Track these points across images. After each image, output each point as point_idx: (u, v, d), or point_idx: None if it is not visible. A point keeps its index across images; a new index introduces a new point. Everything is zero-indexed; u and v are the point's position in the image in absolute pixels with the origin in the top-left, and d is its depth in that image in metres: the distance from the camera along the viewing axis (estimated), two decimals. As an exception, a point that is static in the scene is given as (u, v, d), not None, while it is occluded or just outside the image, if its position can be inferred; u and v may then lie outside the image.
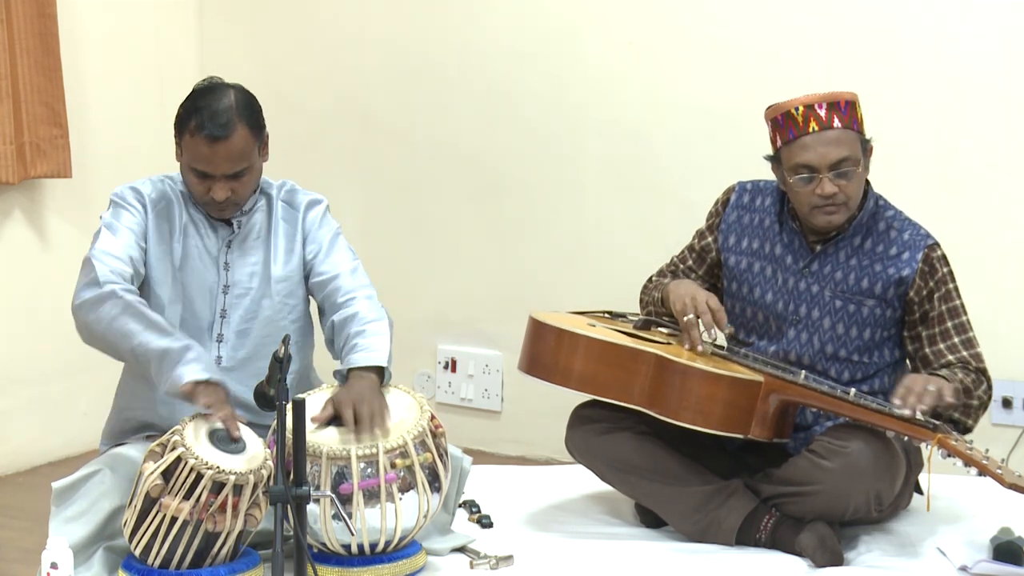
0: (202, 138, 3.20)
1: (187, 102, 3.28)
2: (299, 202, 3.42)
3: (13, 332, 4.57)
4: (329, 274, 3.38)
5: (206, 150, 3.20)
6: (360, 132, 5.00)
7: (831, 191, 3.36)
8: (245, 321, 3.34)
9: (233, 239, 3.35)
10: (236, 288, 3.34)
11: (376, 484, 3.05)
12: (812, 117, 3.37)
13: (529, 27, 4.73)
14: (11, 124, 4.36)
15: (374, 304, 3.35)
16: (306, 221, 3.41)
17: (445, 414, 4.06)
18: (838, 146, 3.36)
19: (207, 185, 3.23)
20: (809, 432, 3.49)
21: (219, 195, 3.23)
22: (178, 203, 3.34)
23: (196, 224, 3.34)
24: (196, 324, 3.30)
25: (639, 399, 3.38)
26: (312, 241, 3.40)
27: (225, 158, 3.21)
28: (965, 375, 3.36)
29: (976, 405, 3.38)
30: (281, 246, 3.38)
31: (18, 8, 4.36)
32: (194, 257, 3.32)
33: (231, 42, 5.14)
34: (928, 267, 3.43)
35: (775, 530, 3.39)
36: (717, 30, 4.47)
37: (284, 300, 3.37)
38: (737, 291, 3.60)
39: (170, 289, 3.28)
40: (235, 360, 3.31)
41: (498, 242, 4.86)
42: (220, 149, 3.20)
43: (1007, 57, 4.13)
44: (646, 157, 4.61)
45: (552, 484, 3.96)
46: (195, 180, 3.25)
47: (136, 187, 3.33)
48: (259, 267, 3.36)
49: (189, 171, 3.26)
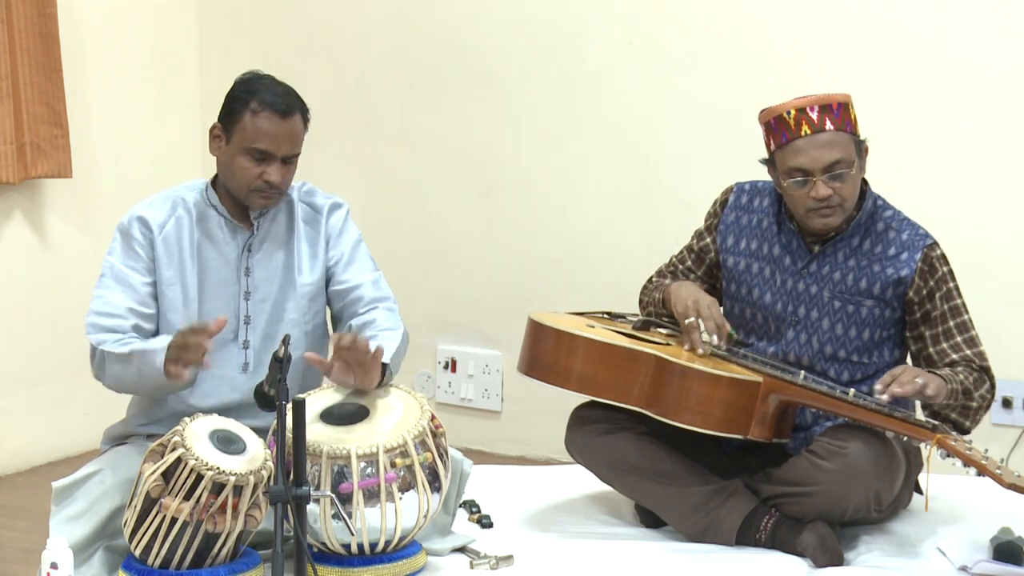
0: (269, 115, 3.22)
1: (239, 89, 3.28)
2: (320, 205, 3.41)
3: (13, 332, 4.57)
4: (351, 283, 3.38)
5: (272, 127, 3.22)
6: (360, 132, 5.01)
7: (825, 194, 3.35)
8: (270, 325, 3.33)
9: (253, 241, 3.34)
10: (257, 293, 3.33)
11: (376, 484, 3.05)
12: (804, 120, 3.37)
13: (529, 27, 4.73)
14: (11, 124, 4.36)
15: (394, 316, 3.37)
16: (328, 225, 3.40)
17: (445, 414, 4.06)
18: (831, 149, 3.35)
19: (262, 168, 3.23)
20: (809, 432, 3.49)
21: (276, 176, 3.23)
22: (190, 220, 3.31)
23: (211, 236, 3.32)
24: (221, 336, 3.25)
25: (638, 400, 3.38)
26: (335, 246, 3.40)
27: (287, 136, 3.24)
28: (967, 376, 3.35)
29: (975, 407, 3.38)
30: (305, 251, 3.37)
31: (18, 8, 4.37)
32: (212, 271, 3.30)
33: (231, 42, 5.14)
34: (927, 267, 3.43)
35: (775, 530, 3.39)
36: (717, 30, 4.47)
37: (309, 304, 3.37)
38: (736, 292, 3.60)
39: (182, 313, 3.27)
40: (263, 365, 3.28)
41: (498, 242, 4.86)
42: (285, 127, 3.23)
43: (1007, 57, 4.13)
44: (646, 157, 4.61)
45: (552, 484, 3.96)
46: (250, 164, 3.23)
47: (142, 216, 3.29)
48: (280, 271, 3.35)
49: (244, 155, 3.23)
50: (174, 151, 5.06)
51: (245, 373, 3.29)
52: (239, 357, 3.31)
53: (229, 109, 3.26)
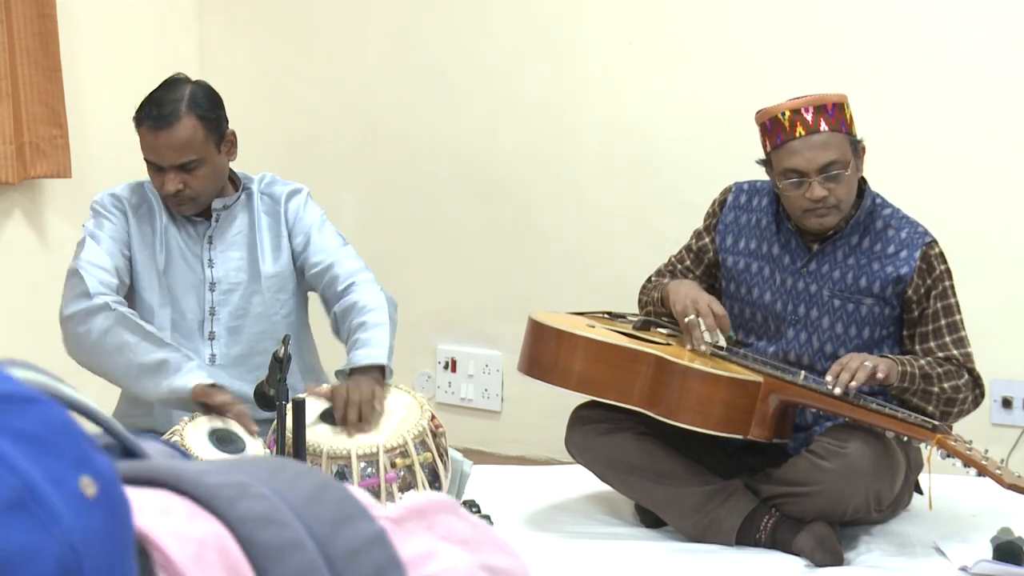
0: (147, 129, 3.24)
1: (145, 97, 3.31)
2: (279, 193, 3.42)
3: (13, 332, 4.56)
4: (323, 264, 3.38)
5: (151, 139, 3.24)
6: (360, 132, 5.00)
7: (820, 195, 3.35)
8: (236, 318, 3.34)
9: (213, 234, 3.34)
10: (222, 284, 3.34)
11: (376, 483, 3.05)
12: (799, 121, 3.36)
13: (529, 27, 4.73)
14: (11, 124, 4.36)
15: (373, 288, 3.35)
16: (288, 212, 3.40)
17: (445, 414, 4.05)
18: (826, 150, 3.35)
19: (160, 178, 3.24)
20: (809, 432, 3.49)
21: (168, 187, 3.23)
22: (158, 204, 3.34)
23: (177, 224, 3.34)
24: (186, 325, 3.31)
25: (638, 400, 3.38)
26: (298, 232, 3.40)
27: (168, 147, 3.21)
28: (933, 364, 3.34)
29: (936, 392, 3.32)
30: (267, 241, 3.38)
31: (18, 8, 4.36)
32: (177, 257, 3.33)
33: (231, 42, 5.14)
34: (926, 264, 3.42)
35: (775, 530, 3.38)
36: (717, 30, 4.47)
37: (275, 295, 3.38)
38: (735, 291, 3.60)
39: (157, 293, 3.29)
40: (229, 357, 3.32)
41: (498, 242, 4.86)
42: (162, 137, 3.21)
43: (1008, 57, 4.13)
44: (646, 157, 4.60)
45: (552, 484, 3.96)
46: (151, 173, 3.27)
47: (115, 193, 3.35)
48: (244, 262, 3.36)
49: (147, 163, 3.28)
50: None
51: (213, 365, 3.28)
52: (205, 348, 3.32)
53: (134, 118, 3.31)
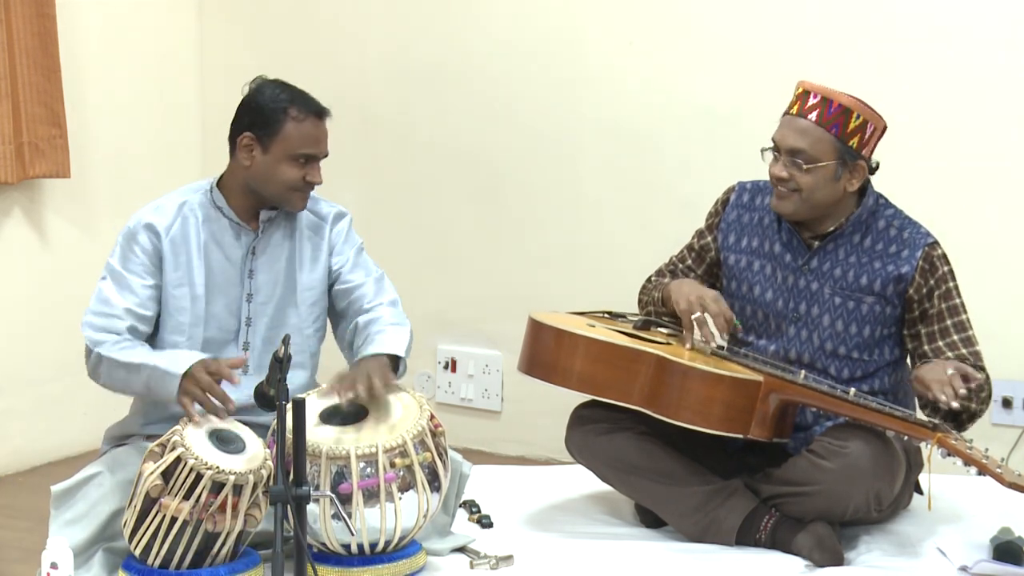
0: (311, 119, 3.28)
1: (267, 98, 3.28)
2: (325, 213, 3.44)
3: (13, 332, 4.56)
4: (355, 283, 3.42)
5: (315, 130, 3.29)
6: (360, 132, 5.00)
7: (778, 173, 3.40)
8: (271, 329, 3.35)
9: (257, 244, 3.34)
10: (259, 295, 3.35)
11: (375, 484, 3.05)
12: (799, 100, 3.43)
13: (529, 27, 4.73)
14: (10, 124, 4.36)
15: (397, 311, 3.42)
16: (333, 233, 3.44)
17: (445, 414, 4.04)
18: (800, 136, 3.38)
19: (305, 171, 3.28)
20: (809, 432, 3.49)
21: (319, 177, 3.31)
22: (195, 219, 3.31)
23: (216, 238, 3.33)
24: (222, 337, 3.32)
25: (639, 399, 3.38)
26: (339, 253, 3.44)
27: (326, 137, 3.32)
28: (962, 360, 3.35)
29: (980, 381, 3.28)
30: (307, 254, 3.40)
31: (17, 8, 4.36)
32: (217, 272, 3.32)
33: (231, 42, 5.14)
34: (928, 265, 3.42)
35: (775, 530, 3.39)
36: (717, 30, 4.47)
37: (309, 309, 3.40)
38: (737, 289, 3.60)
39: (190, 313, 3.28)
40: (262, 369, 3.28)
41: (498, 242, 4.86)
42: (323, 128, 3.31)
43: (1008, 56, 4.13)
44: (646, 157, 4.60)
45: (552, 484, 3.96)
46: (293, 169, 3.27)
47: (150, 223, 3.29)
48: (283, 275, 3.37)
49: (288, 161, 3.26)
50: (173, 151, 5.06)
51: (245, 375, 3.29)
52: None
53: (264, 119, 3.26)
